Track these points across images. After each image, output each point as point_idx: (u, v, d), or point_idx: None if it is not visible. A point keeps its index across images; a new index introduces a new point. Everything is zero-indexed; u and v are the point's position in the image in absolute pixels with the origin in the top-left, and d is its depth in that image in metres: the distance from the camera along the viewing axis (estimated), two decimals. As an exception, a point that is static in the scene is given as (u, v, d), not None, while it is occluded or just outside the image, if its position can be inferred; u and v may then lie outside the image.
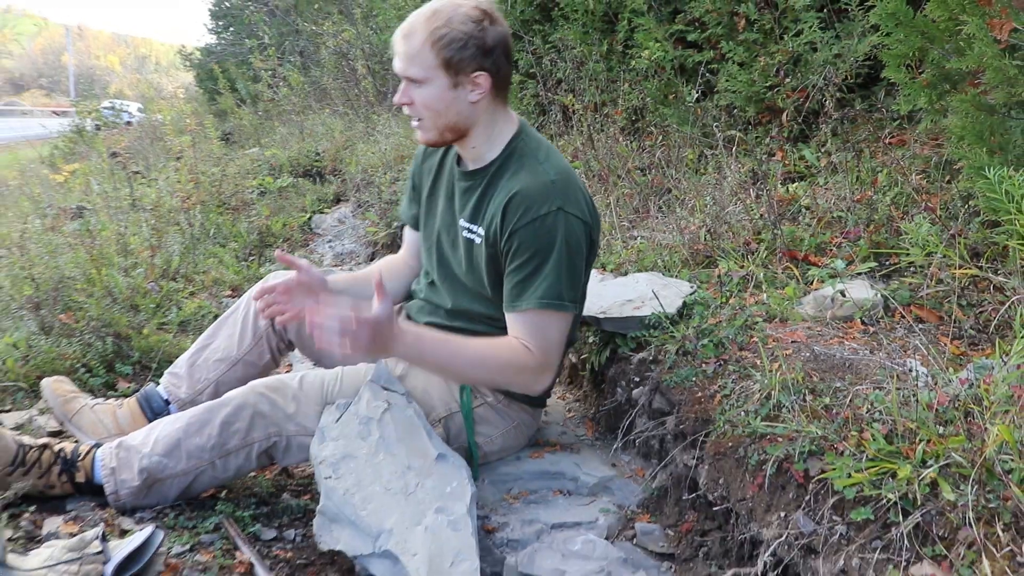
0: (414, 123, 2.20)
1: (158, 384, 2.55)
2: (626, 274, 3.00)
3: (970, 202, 2.55)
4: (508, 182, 2.18)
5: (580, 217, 2.15)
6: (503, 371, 2.17)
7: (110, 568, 1.78)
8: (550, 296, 2.11)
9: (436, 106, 2.13)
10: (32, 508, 2.06)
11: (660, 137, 4.36)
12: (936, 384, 1.82)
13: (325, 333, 1.93)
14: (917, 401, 1.73)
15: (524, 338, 2.14)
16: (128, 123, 14.32)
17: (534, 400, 2.43)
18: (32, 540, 1.96)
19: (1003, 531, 1.41)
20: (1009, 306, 2.01)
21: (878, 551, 1.55)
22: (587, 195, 2.24)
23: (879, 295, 2.40)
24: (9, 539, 1.91)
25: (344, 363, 2.40)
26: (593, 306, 2.62)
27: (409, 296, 2.60)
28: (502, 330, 2.23)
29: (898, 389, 1.78)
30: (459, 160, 2.34)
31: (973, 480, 1.48)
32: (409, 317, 2.51)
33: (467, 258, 2.30)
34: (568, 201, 2.13)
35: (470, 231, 2.26)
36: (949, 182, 2.82)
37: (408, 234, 2.64)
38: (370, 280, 2.26)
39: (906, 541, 1.51)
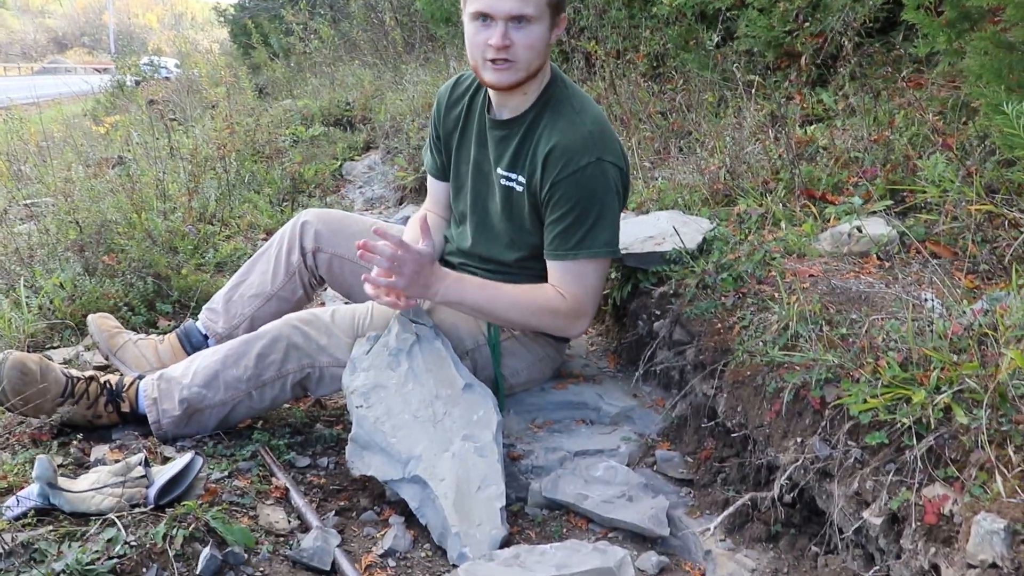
0: (498, 66, 2.15)
1: (196, 320, 2.63)
2: (648, 212, 3.03)
3: (986, 140, 2.55)
4: (547, 132, 2.22)
5: (616, 164, 2.21)
6: (538, 314, 2.23)
7: (153, 491, 1.86)
8: (590, 245, 2.18)
9: (538, 45, 2.15)
10: (80, 436, 2.15)
11: (681, 82, 4.35)
12: (950, 314, 1.84)
13: (375, 261, 2.01)
14: (932, 331, 1.76)
15: (560, 285, 2.21)
16: (166, 78, 14.43)
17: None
18: (80, 466, 2.05)
19: (1015, 452, 1.44)
20: (1023, 240, 2.02)
21: (891, 474, 1.59)
22: (619, 142, 2.28)
23: (895, 231, 2.42)
24: (60, 464, 2.00)
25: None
26: (614, 242, 2.65)
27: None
28: (515, 276, 2.32)
29: (913, 320, 1.80)
30: (489, 108, 2.36)
31: (986, 404, 1.51)
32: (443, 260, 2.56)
33: (504, 205, 2.33)
34: (606, 150, 2.19)
35: (509, 179, 2.30)
36: (965, 123, 2.82)
37: (434, 185, 2.65)
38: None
39: (919, 464, 1.54)
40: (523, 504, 2.11)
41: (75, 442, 2.13)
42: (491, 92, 2.32)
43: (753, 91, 3.72)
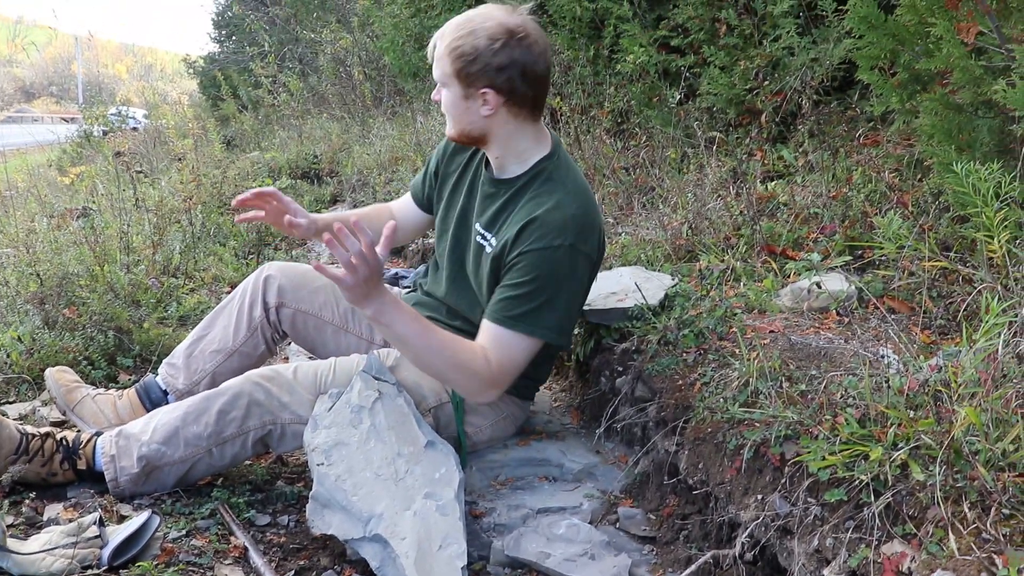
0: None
1: (156, 375, 2.60)
2: (611, 268, 3.06)
3: (940, 198, 2.62)
4: (530, 203, 2.21)
5: (589, 256, 2.21)
6: (456, 370, 2.15)
7: (107, 552, 1.83)
8: (532, 322, 2.15)
9: (452, 110, 2.20)
10: (33, 495, 2.10)
11: (644, 138, 4.43)
12: (907, 370, 1.86)
13: (337, 252, 1.96)
14: (889, 387, 1.78)
15: (489, 350, 2.16)
16: (134, 129, 14.40)
17: (524, 393, 2.48)
18: (33, 526, 2.00)
19: (970, 509, 1.45)
20: (976, 295, 2.06)
21: (851, 531, 1.60)
22: (601, 228, 2.29)
23: (853, 287, 2.47)
24: (10, 525, 1.95)
25: (337, 353, 2.47)
26: (578, 299, 2.67)
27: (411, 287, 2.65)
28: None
29: (871, 375, 1.82)
30: (487, 164, 2.38)
31: (941, 461, 1.52)
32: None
33: (475, 261, 2.35)
34: (583, 239, 2.18)
35: (483, 237, 2.31)
36: (920, 180, 2.89)
37: (407, 204, 2.69)
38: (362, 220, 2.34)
39: (878, 520, 1.56)
40: (485, 563, 2.09)
41: (28, 501, 2.08)
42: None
43: (715, 147, 3.80)
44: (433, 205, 2.59)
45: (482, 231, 2.32)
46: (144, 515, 1.93)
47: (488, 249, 2.28)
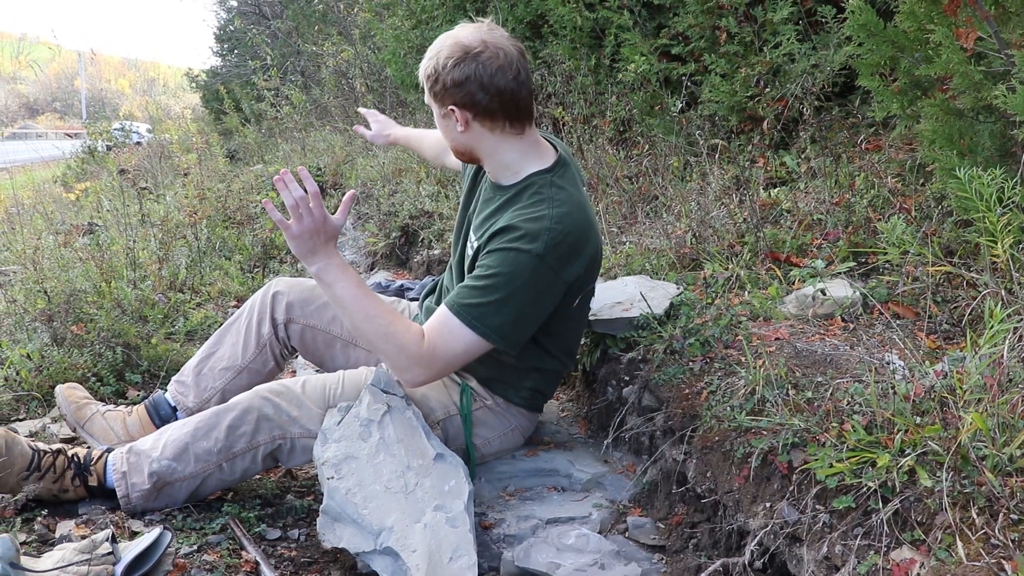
0: None
1: (165, 391, 2.61)
2: (615, 278, 3.06)
3: (943, 203, 2.62)
4: (513, 211, 2.21)
5: (557, 272, 2.16)
6: (386, 339, 2.14)
7: (120, 568, 1.83)
8: (478, 317, 2.13)
9: (440, 128, 2.30)
10: (45, 512, 2.12)
11: (647, 146, 4.43)
12: (913, 376, 1.87)
13: (283, 194, 2.05)
14: (895, 393, 1.79)
15: (429, 329, 2.16)
16: (137, 143, 14.47)
17: (532, 404, 2.49)
18: (45, 543, 2.01)
19: (978, 515, 1.45)
20: (980, 300, 2.07)
21: (859, 538, 1.60)
22: (588, 254, 2.24)
23: (858, 293, 2.47)
24: (23, 542, 1.97)
25: (345, 367, 2.49)
26: (584, 309, 2.68)
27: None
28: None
29: (877, 382, 1.83)
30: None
31: (949, 467, 1.53)
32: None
33: (461, 261, 2.40)
34: (553, 254, 2.14)
35: (470, 239, 2.36)
36: (923, 184, 2.90)
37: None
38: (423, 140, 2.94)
39: (886, 527, 1.56)
40: (495, 574, 2.10)
41: (40, 518, 2.10)
42: None
43: (717, 155, 3.81)
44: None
45: (472, 235, 2.36)
46: (156, 531, 1.94)
47: (470, 252, 2.33)
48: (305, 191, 2.09)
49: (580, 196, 2.29)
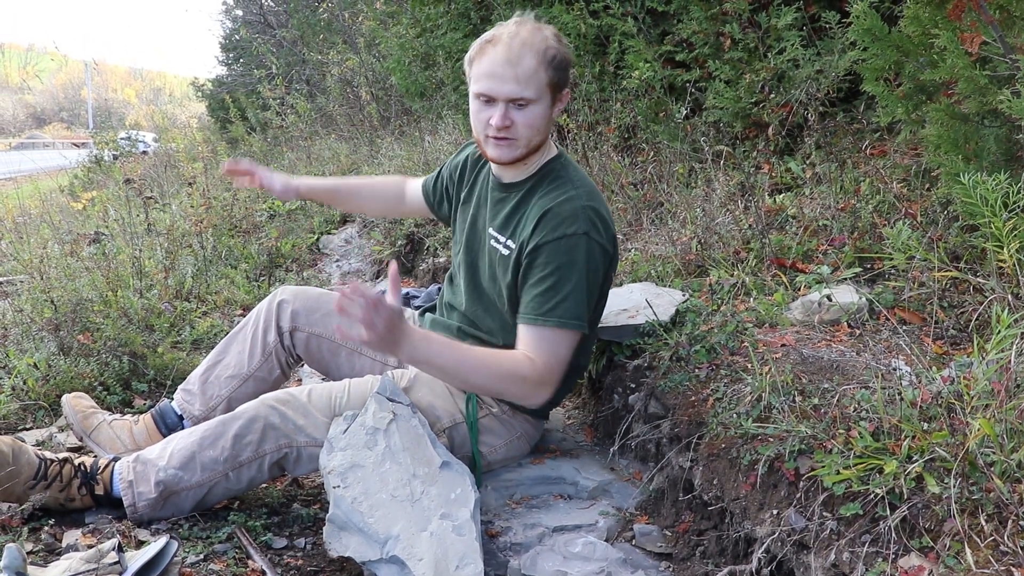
0: (499, 143, 2.22)
1: (171, 400, 2.61)
2: (621, 285, 3.06)
3: (949, 207, 2.62)
4: (541, 199, 2.25)
5: (603, 246, 2.22)
6: (504, 380, 2.18)
7: (127, 578, 1.84)
8: (566, 315, 2.16)
9: (538, 124, 2.21)
10: (52, 521, 2.12)
11: (651, 153, 4.43)
12: (920, 382, 1.87)
13: (349, 312, 1.98)
14: (902, 399, 1.78)
15: (531, 351, 2.18)
16: (144, 152, 14.52)
17: (537, 412, 2.49)
18: (52, 552, 2.00)
19: (986, 521, 1.46)
20: (987, 305, 2.07)
21: (867, 545, 1.60)
22: (612, 228, 2.29)
23: (864, 299, 2.47)
24: (30, 552, 1.96)
25: (351, 375, 2.49)
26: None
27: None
28: (506, 345, 2.31)
29: (883, 388, 1.82)
30: (492, 172, 2.42)
31: (956, 473, 1.53)
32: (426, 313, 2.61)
33: (490, 267, 2.37)
34: (596, 229, 2.20)
35: (497, 241, 2.33)
36: (928, 189, 2.90)
37: (416, 189, 2.79)
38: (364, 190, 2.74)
39: (894, 534, 1.56)
40: (502, 582, 2.10)
41: (46, 527, 2.09)
42: (491, 163, 2.38)
43: (722, 161, 3.81)
44: (441, 207, 2.67)
45: (495, 234, 2.35)
46: (162, 540, 1.93)
47: (504, 252, 2.31)
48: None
49: (585, 174, 2.38)
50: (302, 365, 2.80)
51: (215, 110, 16.36)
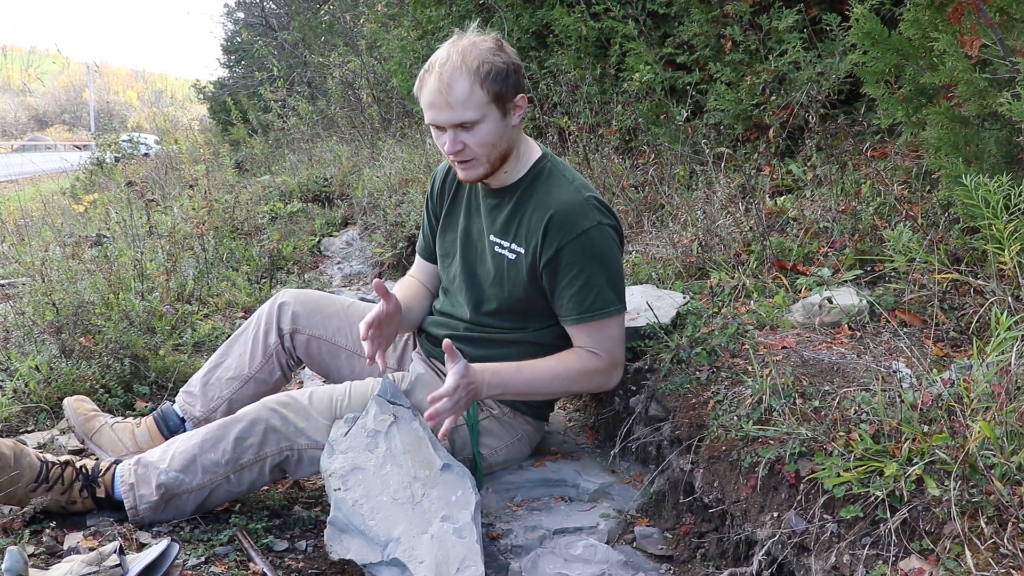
0: (461, 166, 2.25)
1: (173, 403, 2.62)
2: (622, 287, 3.06)
3: (949, 210, 2.62)
4: (542, 200, 2.27)
5: (613, 226, 2.30)
6: (579, 379, 2.30)
7: (128, 581, 1.84)
8: (603, 305, 2.24)
9: (491, 140, 2.20)
10: (53, 524, 2.12)
11: (652, 155, 4.44)
12: (920, 385, 1.87)
13: (447, 414, 2.10)
14: (902, 401, 1.79)
15: (590, 345, 2.28)
16: (146, 155, 14.52)
17: (538, 413, 2.50)
18: (53, 555, 2.01)
19: (986, 524, 1.46)
20: (988, 308, 2.07)
21: (868, 547, 1.60)
22: (610, 207, 2.36)
23: (865, 301, 2.47)
24: (31, 555, 1.97)
25: (351, 378, 2.49)
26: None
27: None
28: (520, 344, 2.36)
29: (884, 390, 1.82)
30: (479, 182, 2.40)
31: (957, 476, 1.53)
32: (423, 331, 2.59)
33: (496, 272, 2.37)
34: (603, 214, 2.27)
35: (501, 247, 2.34)
36: (929, 191, 2.90)
37: (421, 263, 2.70)
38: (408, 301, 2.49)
39: (894, 537, 1.56)
40: (503, 585, 2.10)
41: (48, 530, 2.10)
42: None
43: (723, 164, 3.81)
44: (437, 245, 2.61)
45: (498, 240, 2.35)
46: (163, 543, 1.94)
47: (511, 256, 2.32)
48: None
49: (572, 168, 2.43)
50: (303, 367, 2.80)
51: (217, 112, 16.39)
